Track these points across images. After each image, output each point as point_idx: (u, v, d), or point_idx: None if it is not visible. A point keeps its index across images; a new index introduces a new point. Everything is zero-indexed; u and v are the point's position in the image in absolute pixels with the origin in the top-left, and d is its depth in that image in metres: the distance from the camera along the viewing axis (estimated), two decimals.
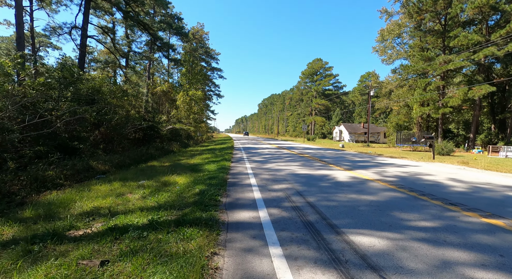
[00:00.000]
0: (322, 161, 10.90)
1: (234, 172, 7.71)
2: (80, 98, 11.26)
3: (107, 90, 13.94)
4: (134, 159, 12.99)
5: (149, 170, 9.20)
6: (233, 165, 9.32)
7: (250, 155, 13.50)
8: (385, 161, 11.35)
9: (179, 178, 6.78)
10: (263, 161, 10.68)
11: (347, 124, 52.94)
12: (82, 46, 16.95)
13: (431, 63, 26.79)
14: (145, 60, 40.26)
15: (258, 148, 19.74)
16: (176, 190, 5.44)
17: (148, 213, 3.79)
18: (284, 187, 5.51)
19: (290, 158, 12.03)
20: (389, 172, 7.73)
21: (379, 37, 37.30)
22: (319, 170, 8.00)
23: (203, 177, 6.75)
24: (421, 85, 30.36)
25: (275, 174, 7.27)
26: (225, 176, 6.95)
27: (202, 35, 45.99)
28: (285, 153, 15.36)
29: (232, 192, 5.15)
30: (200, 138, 38.20)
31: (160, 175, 7.50)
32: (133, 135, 18.79)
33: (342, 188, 5.36)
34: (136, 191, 5.57)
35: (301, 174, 7.25)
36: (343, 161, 11.06)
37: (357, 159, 12.19)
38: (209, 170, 7.94)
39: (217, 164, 9.11)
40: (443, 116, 28.75)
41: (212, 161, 10.21)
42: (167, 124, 22.70)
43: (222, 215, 3.73)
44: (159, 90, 23.76)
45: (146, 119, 18.08)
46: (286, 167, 8.73)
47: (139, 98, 18.68)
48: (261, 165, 9.31)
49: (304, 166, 9.18)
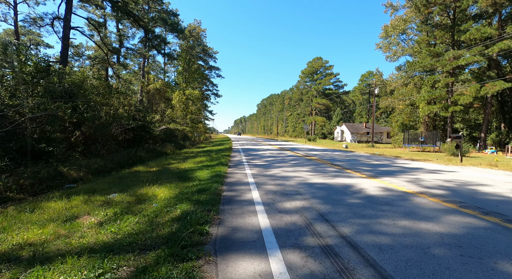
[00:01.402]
0: (335, 165, 9.41)
1: (231, 181, 6.21)
2: (55, 94, 9.72)
3: (90, 86, 12.41)
4: (119, 163, 11.46)
5: (130, 177, 7.69)
6: (230, 171, 7.82)
7: (250, 158, 12.00)
8: (409, 165, 9.82)
9: (160, 190, 5.29)
10: (266, 165, 9.18)
11: (349, 124, 51.54)
12: (64, 39, 15.41)
13: (440, 59, 25.40)
14: (139, 58, 38.78)
15: (258, 149, 18.24)
16: (150, 210, 3.94)
17: (90, 260, 2.29)
18: (299, 205, 4.01)
19: (296, 161, 10.54)
20: (426, 181, 6.23)
21: (382, 33, 35.91)
22: (336, 178, 6.50)
23: (192, 188, 5.26)
24: (428, 83, 28.97)
25: (283, 184, 5.78)
26: (220, 187, 5.46)
27: (199, 32, 44.47)
28: (289, 155, 13.87)
29: (228, 215, 3.65)
30: (198, 139, 36.69)
31: (139, 184, 6.00)
32: (122, 136, 17.30)
33: (382, 208, 3.86)
34: (97, 211, 4.07)
35: (317, 184, 5.76)
36: (359, 164, 9.56)
37: (374, 162, 10.69)
38: (200, 178, 6.44)
39: (211, 170, 7.61)
40: (451, 115, 27.34)
41: (206, 166, 8.71)
42: (160, 125, 21.18)
43: (208, 267, 2.22)
44: (152, 88, 22.21)
45: (136, 119, 16.56)
46: (295, 174, 7.23)
47: (129, 96, 17.16)
48: (264, 171, 7.81)
49: (315, 171, 7.68)
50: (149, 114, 19.51)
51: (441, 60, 25.33)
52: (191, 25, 43.88)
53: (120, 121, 14.29)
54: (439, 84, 26.40)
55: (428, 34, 28.95)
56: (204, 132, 50.76)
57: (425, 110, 27.88)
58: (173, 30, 34.60)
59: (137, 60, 39.26)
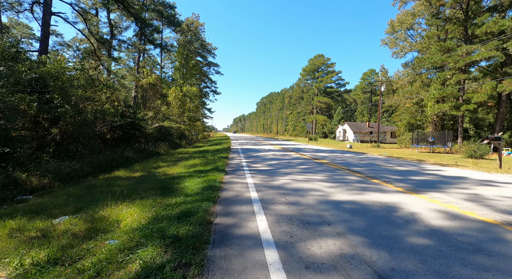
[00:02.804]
0: (354, 171, 7.89)
1: (228, 196, 4.69)
2: (20, 84, 8.15)
3: (68, 77, 10.83)
4: (99, 166, 9.91)
5: (102, 186, 6.17)
6: (227, 180, 6.30)
7: (250, 161, 10.48)
8: (444, 172, 8.11)
9: (129, 212, 3.77)
10: (270, 171, 7.66)
11: (351, 123, 50.05)
12: (44, 25, 13.80)
13: (452, 54, 23.88)
14: (134, 53, 37.10)
15: (259, 150, 16.72)
16: (96, 257, 2.42)
17: None
18: (335, 250, 2.50)
19: (305, 166, 9.03)
20: (493, 199, 4.52)
21: (389, 29, 34.37)
22: (366, 193, 4.99)
23: (172, 210, 3.75)
24: (437, 80, 27.47)
25: (298, 202, 4.27)
26: (212, 207, 3.94)
27: (197, 27, 42.75)
28: (295, 157, 12.36)
29: (219, 274, 2.13)
30: (195, 138, 35.17)
31: (107, 200, 4.48)
32: (110, 135, 15.76)
33: (475, 259, 2.34)
34: (13, 257, 2.55)
35: (345, 203, 4.25)
36: (382, 171, 8.04)
37: (398, 167, 9.13)
38: (188, 191, 4.93)
39: (204, 178, 6.10)
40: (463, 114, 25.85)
41: (199, 172, 7.19)
42: (153, 122, 19.62)
43: None
44: (145, 83, 20.61)
45: (125, 116, 15.00)
46: (309, 184, 5.72)
47: (117, 90, 15.58)
48: (269, 180, 6.29)
49: (334, 181, 6.16)
50: (140, 111, 17.95)
51: (453, 56, 23.83)
52: (188, 19, 42.15)
53: (105, 118, 12.73)
54: (450, 81, 24.90)
55: (438, 28, 27.41)
56: (203, 131, 49.09)
57: (434, 109, 26.39)
58: (170, 23, 32.93)
59: (132, 55, 37.59)
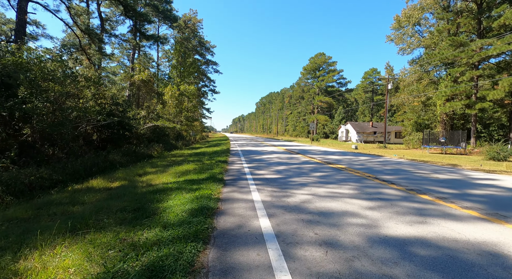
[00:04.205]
0: (383, 180, 6.36)
1: (226, 228, 3.14)
2: None
3: (39, 68, 9.26)
4: (74, 173, 8.34)
5: (59, 205, 4.62)
6: (226, 195, 4.75)
7: (253, 166, 8.93)
8: (501, 182, 6.67)
9: (64, 264, 2.20)
10: (280, 181, 6.12)
11: (354, 123, 48.57)
12: (20, 12, 12.24)
13: (465, 49, 22.42)
14: (128, 50, 35.55)
15: (261, 152, 15.18)
16: None
17: None
18: None
19: (320, 172, 7.49)
20: None
21: (395, 24, 32.91)
22: (430, 219, 3.44)
23: (135, 262, 2.19)
24: (447, 77, 26.03)
25: (337, 243, 2.74)
26: (200, 256, 2.39)
27: (195, 23, 41.20)
28: (303, 160, 10.83)
29: None
30: (193, 139, 33.61)
31: (47, 233, 2.93)
32: (97, 136, 14.22)
33: None
34: None
35: (412, 245, 2.72)
36: (420, 181, 6.49)
37: (436, 175, 7.54)
38: (169, 216, 3.39)
39: (196, 192, 4.57)
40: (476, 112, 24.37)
41: (190, 182, 5.65)
42: (146, 122, 18.07)
43: None
44: (137, 79, 19.05)
45: (112, 114, 13.46)
46: (339, 203, 4.19)
47: (105, 86, 14.04)
48: (282, 195, 4.76)
49: (369, 197, 4.63)
50: (131, 109, 16.40)
51: (466, 50, 22.37)
52: (186, 15, 40.60)
53: (86, 117, 11.15)
54: (463, 78, 23.42)
55: (448, 22, 25.96)
56: (201, 131, 47.45)
57: (445, 108, 24.93)
58: (166, 18, 31.38)
59: (127, 52, 36.03)
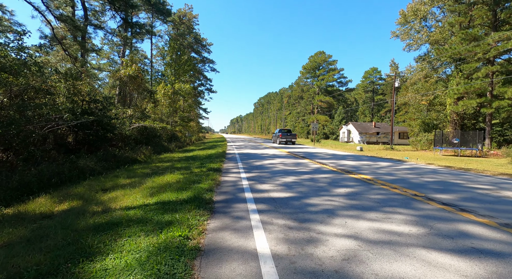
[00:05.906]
0: (437, 202, 4.53)
1: None
2: None
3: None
4: (22, 187, 6.39)
5: None
6: (210, 239, 2.87)
7: (254, 176, 7.07)
8: None
9: None
10: (294, 204, 4.27)
11: (356, 124, 46.89)
12: None
13: (481, 43, 20.77)
14: (119, 46, 33.60)
15: (261, 156, 13.33)
16: None
17: None
18: None
19: (345, 188, 5.65)
20: None
21: (400, 19, 31.28)
22: None
23: None
24: (458, 74, 24.36)
25: None
26: None
27: (190, 19, 39.33)
28: (314, 167, 8.99)
29: None
30: (189, 140, 31.70)
31: None
32: (72, 138, 12.33)
33: None
34: None
35: None
36: (494, 203, 4.66)
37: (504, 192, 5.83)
38: None
39: (162, 234, 2.69)
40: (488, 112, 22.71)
41: (162, 208, 3.77)
42: (133, 122, 16.17)
43: None
44: (124, 75, 17.17)
45: (87, 112, 11.57)
46: (412, 265, 2.36)
47: (79, 80, 12.13)
48: (304, 239, 2.91)
49: (458, 247, 2.79)
50: (114, 107, 14.52)
51: (482, 44, 20.73)
52: (181, 10, 38.73)
53: (50, 115, 9.25)
54: (478, 74, 21.77)
55: (460, 14, 24.32)
56: (198, 132, 45.49)
57: (458, 107, 23.27)
58: (158, 12, 29.50)
59: (117, 48, 34.09)
